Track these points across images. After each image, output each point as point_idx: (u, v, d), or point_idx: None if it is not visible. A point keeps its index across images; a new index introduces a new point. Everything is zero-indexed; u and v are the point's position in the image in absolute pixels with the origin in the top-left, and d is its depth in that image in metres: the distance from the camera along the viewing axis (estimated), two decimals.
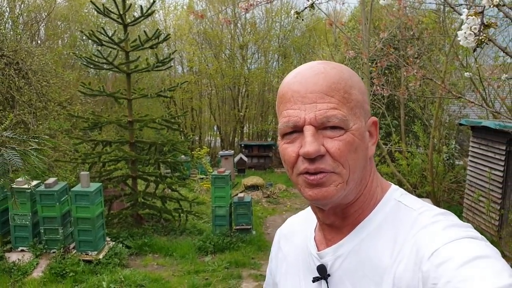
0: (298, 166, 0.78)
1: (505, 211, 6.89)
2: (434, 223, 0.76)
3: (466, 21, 1.35)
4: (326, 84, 0.77)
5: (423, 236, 0.75)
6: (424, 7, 7.98)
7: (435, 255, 0.70)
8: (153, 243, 7.19)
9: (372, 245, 0.80)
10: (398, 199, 0.84)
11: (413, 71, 5.14)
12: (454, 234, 0.72)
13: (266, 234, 8.50)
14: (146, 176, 8.29)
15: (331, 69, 0.80)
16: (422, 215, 0.79)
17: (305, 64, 0.84)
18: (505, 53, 4.13)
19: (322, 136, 0.76)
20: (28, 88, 8.80)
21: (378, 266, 0.78)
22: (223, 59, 20.17)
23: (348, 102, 0.78)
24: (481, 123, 7.35)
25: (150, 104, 15.44)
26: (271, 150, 18.15)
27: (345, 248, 0.84)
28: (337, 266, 0.84)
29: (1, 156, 1.31)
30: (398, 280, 0.74)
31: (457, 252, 0.68)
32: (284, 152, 0.80)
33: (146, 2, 17.31)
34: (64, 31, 14.83)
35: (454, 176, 9.67)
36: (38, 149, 1.44)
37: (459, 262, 0.66)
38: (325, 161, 0.76)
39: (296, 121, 0.77)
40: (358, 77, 0.84)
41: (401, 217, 0.81)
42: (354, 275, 0.81)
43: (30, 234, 5.96)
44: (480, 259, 0.67)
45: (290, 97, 0.79)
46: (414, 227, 0.77)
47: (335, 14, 17.50)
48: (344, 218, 0.85)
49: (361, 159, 0.79)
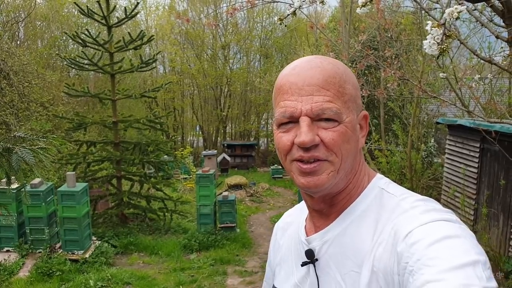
0: (292, 153, 0.82)
1: (479, 206, 7.18)
2: (413, 207, 0.80)
3: (430, 32, 1.53)
4: (322, 78, 0.81)
5: (401, 219, 0.78)
6: (402, 9, 8.25)
7: (408, 236, 0.73)
8: (139, 242, 7.26)
9: (356, 230, 0.84)
10: (382, 186, 0.88)
11: (390, 72, 5.35)
12: (429, 217, 0.75)
13: (250, 232, 8.64)
14: (130, 176, 8.34)
15: (328, 64, 0.83)
16: (403, 201, 0.82)
17: (303, 58, 0.87)
18: (476, 55, 4.37)
19: (317, 127, 0.80)
20: (9, 89, 8.74)
21: (361, 249, 0.82)
22: (205, 59, 20.22)
23: (342, 96, 0.81)
24: (457, 122, 7.63)
25: (132, 105, 15.38)
26: (254, 150, 18.29)
27: (331, 233, 0.87)
28: (324, 251, 0.87)
29: (15, 154, 1.41)
30: (378, 261, 0.78)
31: (429, 233, 0.72)
32: (279, 140, 0.84)
33: (127, 3, 17.24)
34: (44, 31, 14.67)
35: (432, 173, 9.97)
36: (45, 148, 1.53)
37: (430, 241, 0.70)
38: (319, 149, 0.80)
39: (292, 111, 0.80)
40: (351, 72, 0.88)
41: (383, 203, 0.84)
42: (339, 258, 0.85)
43: (15, 234, 5.97)
44: (449, 239, 0.70)
45: (287, 89, 0.82)
46: (395, 211, 0.81)
47: (316, 15, 17.77)
48: (332, 205, 0.89)
49: (352, 150, 0.83)
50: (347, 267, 0.83)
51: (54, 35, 14.40)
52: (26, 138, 1.55)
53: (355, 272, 0.82)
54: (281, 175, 14.65)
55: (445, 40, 1.58)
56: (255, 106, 20.64)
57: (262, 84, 19.57)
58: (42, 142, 1.57)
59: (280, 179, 14.40)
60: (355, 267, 0.82)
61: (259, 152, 20.08)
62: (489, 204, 6.76)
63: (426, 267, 0.67)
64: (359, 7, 2.43)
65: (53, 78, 10.40)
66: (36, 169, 1.51)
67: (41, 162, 1.52)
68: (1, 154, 1.42)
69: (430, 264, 0.67)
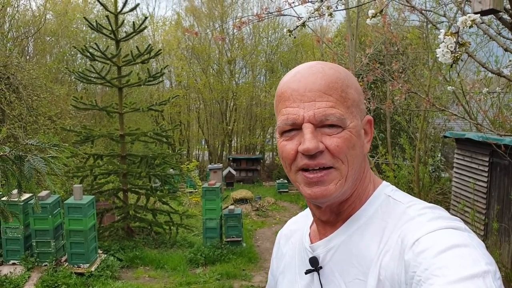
0: (297, 163, 0.80)
1: (489, 221, 7.08)
2: (420, 215, 0.78)
3: (443, 40, 1.52)
4: (324, 84, 0.79)
5: (408, 227, 0.76)
6: (408, 23, 8.29)
7: (416, 244, 0.71)
8: (144, 256, 7.21)
9: (362, 237, 0.82)
10: (388, 193, 0.86)
11: (398, 85, 5.35)
12: (437, 225, 0.74)
13: (256, 246, 8.56)
14: (137, 189, 8.33)
15: (329, 69, 0.82)
16: (410, 208, 0.81)
17: (304, 64, 0.85)
18: (484, 68, 4.36)
19: (320, 133, 0.78)
20: (19, 102, 8.82)
21: (366, 257, 0.80)
22: (211, 73, 20.37)
23: (345, 101, 0.80)
24: (465, 135, 7.58)
25: (139, 119, 15.48)
26: (259, 164, 18.25)
27: (336, 240, 0.85)
28: (329, 258, 0.86)
29: (28, 162, 1.41)
30: (384, 269, 0.76)
31: (437, 241, 0.70)
32: (282, 149, 0.81)
33: (134, 18, 17.47)
34: (52, 46, 14.87)
35: (440, 188, 9.88)
36: (55, 156, 1.53)
37: (438, 250, 0.68)
38: (325, 156, 0.78)
39: (295, 118, 0.78)
40: (354, 77, 0.86)
41: (390, 210, 0.83)
42: (344, 266, 0.83)
43: (22, 247, 5.95)
44: (458, 248, 0.68)
45: (289, 96, 0.80)
46: (402, 219, 0.79)
47: (321, 30, 17.91)
48: (338, 213, 0.87)
49: (358, 156, 0.82)
50: (352, 275, 0.81)
51: (63, 50, 14.60)
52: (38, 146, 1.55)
53: (360, 280, 0.80)
54: (287, 189, 14.58)
55: (458, 49, 1.57)
56: (260, 120, 20.68)
57: (267, 98, 19.66)
58: (54, 150, 1.57)
59: (286, 193, 14.32)
60: (360, 275, 0.80)
61: (264, 166, 20.04)
62: (500, 219, 6.67)
63: (435, 277, 0.65)
64: (369, 18, 2.43)
65: (61, 92, 10.50)
66: (48, 178, 1.51)
67: (52, 171, 1.52)
68: (13, 162, 1.43)
69: (439, 274, 0.65)
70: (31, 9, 14.56)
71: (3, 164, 1.41)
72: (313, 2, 3.33)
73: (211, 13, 20.33)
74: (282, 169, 18.53)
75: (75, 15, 14.88)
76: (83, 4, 16.56)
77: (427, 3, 7.87)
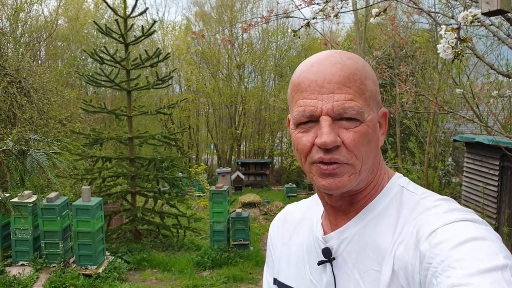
0: (312, 155, 0.78)
1: (500, 225, 6.99)
2: (436, 206, 0.77)
3: (444, 36, 1.50)
4: (343, 75, 0.77)
5: (424, 218, 0.76)
6: (417, 26, 8.25)
7: (432, 236, 0.71)
8: (152, 258, 7.22)
9: (376, 228, 0.81)
10: (402, 184, 0.85)
11: (406, 87, 5.32)
12: (453, 217, 0.73)
13: (263, 250, 8.53)
14: (145, 192, 8.36)
15: (348, 59, 0.80)
16: (425, 200, 0.80)
17: (321, 53, 0.83)
18: (494, 70, 4.32)
19: (338, 126, 0.77)
20: (30, 105, 8.94)
21: (381, 247, 0.79)
22: (220, 78, 20.47)
23: (364, 93, 0.78)
24: (475, 139, 7.50)
25: (148, 122, 15.60)
26: (268, 168, 18.24)
27: (350, 231, 0.84)
28: (342, 249, 0.84)
29: (30, 156, 1.43)
30: (398, 260, 0.75)
31: (454, 233, 0.69)
32: (298, 141, 0.80)
33: (144, 23, 17.63)
34: (64, 51, 15.08)
35: (450, 192, 9.79)
36: (58, 152, 1.55)
37: (455, 242, 0.67)
38: (340, 152, 0.77)
39: (313, 110, 0.77)
40: (370, 67, 0.84)
41: (404, 201, 0.82)
42: (358, 257, 0.82)
43: (31, 248, 6.00)
44: (476, 241, 0.67)
45: (306, 87, 0.78)
46: (416, 210, 0.79)
47: (330, 34, 17.90)
48: (351, 203, 0.86)
49: (372, 150, 0.81)
50: (366, 266, 0.80)
51: (74, 54, 14.79)
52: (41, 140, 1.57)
53: (375, 270, 0.79)
54: (295, 193, 14.53)
55: (459, 44, 1.56)
56: (269, 124, 20.70)
57: (276, 103, 19.68)
58: (56, 145, 1.59)
59: (294, 198, 14.28)
60: (375, 265, 0.79)
61: (273, 171, 20.02)
62: (511, 223, 6.57)
63: (452, 269, 0.64)
64: (372, 17, 2.43)
65: (71, 95, 10.63)
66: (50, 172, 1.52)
67: (55, 166, 1.54)
68: (16, 156, 1.45)
69: (456, 266, 0.64)
70: (43, 14, 14.81)
71: (7, 158, 1.44)
72: (319, 4, 3.33)
73: (220, 18, 20.47)
74: (291, 174, 18.57)
75: (86, 20, 15.09)
76: (94, 9, 16.78)
77: (436, 5, 7.84)
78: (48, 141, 1.56)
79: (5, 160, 1.42)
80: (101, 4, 16.48)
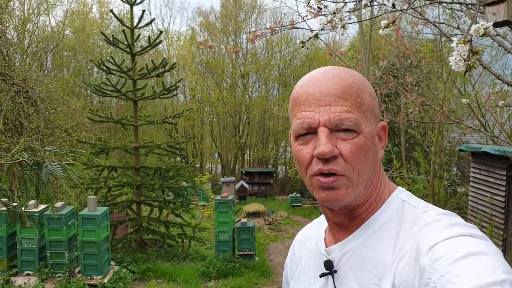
0: (312, 168, 0.80)
1: (508, 236, 6.92)
2: (437, 221, 0.78)
3: (456, 48, 1.51)
4: (340, 88, 0.79)
5: (424, 232, 0.76)
6: (422, 36, 8.28)
7: (432, 251, 0.71)
8: (157, 268, 7.20)
9: (377, 242, 0.82)
10: (404, 198, 0.86)
11: (412, 97, 5.32)
12: (453, 232, 0.74)
13: (268, 260, 8.49)
14: (150, 201, 8.37)
15: (344, 73, 0.82)
16: (426, 214, 0.81)
17: (319, 69, 0.86)
18: (499, 79, 4.32)
19: (335, 138, 0.78)
20: (36, 115, 9.00)
21: (381, 261, 0.80)
22: (224, 87, 20.54)
23: (360, 106, 0.80)
24: (481, 149, 7.47)
25: (153, 132, 15.64)
26: (272, 177, 18.20)
27: (352, 244, 0.86)
28: (344, 262, 0.86)
29: (45, 167, 1.44)
30: (399, 274, 0.76)
31: (453, 248, 0.70)
32: (298, 153, 0.82)
33: (150, 33, 17.77)
34: (70, 60, 15.20)
35: (456, 202, 9.73)
36: (72, 164, 1.56)
37: (454, 257, 0.68)
38: (338, 163, 0.78)
39: (310, 122, 0.79)
40: (368, 82, 0.86)
41: (405, 215, 0.83)
42: (359, 270, 0.83)
43: (36, 257, 6.00)
44: (475, 255, 0.67)
45: (304, 100, 0.81)
46: (417, 224, 0.79)
47: (334, 44, 17.96)
48: (352, 218, 0.87)
49: (370, 162, 0.82)
50: (366, 280, 0.81)
51: (80, 64, 14.90)
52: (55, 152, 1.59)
53: (375, 285, 0.79)
54: (300, 203, 14.47)
55: (471, 57, 1.57)
56: (273, 133, 20.71)
57: (280, 112, 19.70)
58: (71, 157, 1.61)
59: (299, 208, 14.22)
60: (375, 279, 0.79)
61: (277, 180, 19.97)
62: None
63: (451, 284, 0.65)
64: (381, 29, 2.44)
65: (77, 105, 10.69)
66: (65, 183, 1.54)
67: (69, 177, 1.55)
68: (31, 167, 1.46)
69: (456, 281, 0.64)
70: (50, 25, 14.96)
71: (22, 170, 1.45)
72: (326, 15, 3.35)
73: (225, 28, 20.61)
74: (295, 183, 18.53)
75: (92, 31, 15.22)
76: (100, 20, 16.94)
77: (440, 16, 7.87)
78: (62, 152, 1.58)
79: (20, 172, 1.44)
80: (106, 15, 16.66)
